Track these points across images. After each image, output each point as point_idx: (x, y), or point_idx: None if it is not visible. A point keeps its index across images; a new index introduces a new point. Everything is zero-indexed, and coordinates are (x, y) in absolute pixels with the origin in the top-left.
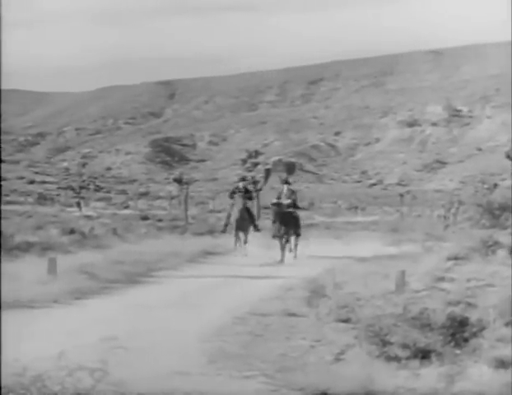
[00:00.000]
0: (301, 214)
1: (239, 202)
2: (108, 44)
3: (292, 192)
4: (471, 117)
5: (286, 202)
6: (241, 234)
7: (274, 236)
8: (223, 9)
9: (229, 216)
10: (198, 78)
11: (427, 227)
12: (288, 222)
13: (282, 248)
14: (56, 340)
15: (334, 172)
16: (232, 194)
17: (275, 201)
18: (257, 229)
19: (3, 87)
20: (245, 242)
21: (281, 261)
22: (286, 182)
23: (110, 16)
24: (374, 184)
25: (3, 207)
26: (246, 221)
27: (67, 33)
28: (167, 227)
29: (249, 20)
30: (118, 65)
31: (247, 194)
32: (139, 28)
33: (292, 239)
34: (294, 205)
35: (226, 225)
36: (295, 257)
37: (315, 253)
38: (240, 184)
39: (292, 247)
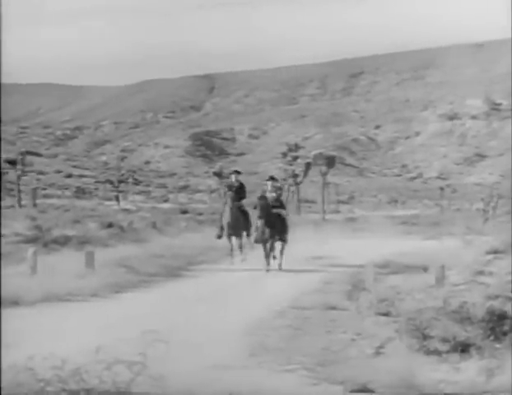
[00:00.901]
0: (343, 208)
1: (229, 201)
2: (147, 37)
3: (278, 189)
4: (510, 110)
5: (271, 195)
6: (235, 240)
7: (256, 241)
8: (263, 2)
9: (221, 218)
10: (238, 72)
11: (467, 221)
12: (274, 224)
13: (267, 255)
14: (94, 333)
15: (374, 165)
16: (225, 192)
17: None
18: (249, 234)
19: (39, 81)
20: (240, 247)
21: (267, 270)
22: (271, 178)
23: (149, 10)
24: (415, 178)
25: (41, 201)
26: (239, 224)
27: (106, 27)
28: (207, 221)
29: (290, 14)
30: (157, 59)
31: (240, 192)
32: (179, 21)
33: (278, 245)
34: (280, 204)
35: (222, 229)
36: (280, 266)
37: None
38: (233, 178)
39: (277, 254)
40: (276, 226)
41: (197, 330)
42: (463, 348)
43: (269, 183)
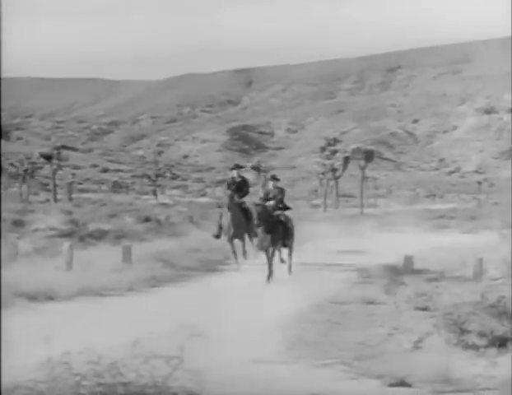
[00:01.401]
0: (381, 202)
1: (229, 199)
2: (186, 32)
3: (280, 191)
4: None
5: (269, 203)
6: (239, 243)
7: (259, 249)
8: None
9: (221, 217)
10: (276, 66)
11: (504, 215)
12: (275, 230)
13: (269, 263)
14: (131, 328)
15: (412, 160)
16: (228, 189)
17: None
18: (253, 236)
19: (74, 76)
20: (244, 252)
21: (269, 278)
22: (273, 177)
23: (188, 5)
24: (452, 172)
25: (76, 195)
26: (241, 225)
27: (144, 21)
28: None
29: (328, 8)
30: (196, 53)
31: (242, 188)
32: (217, 16)
33: (283, 251)
34: (281, 206)
35: (221, 228)
36: (290, 269)
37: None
38: (235, 173)
39: (285, 257)
40: (278, 232)
41: (235, 324)
42: (501, 343)
43: (271, 182)
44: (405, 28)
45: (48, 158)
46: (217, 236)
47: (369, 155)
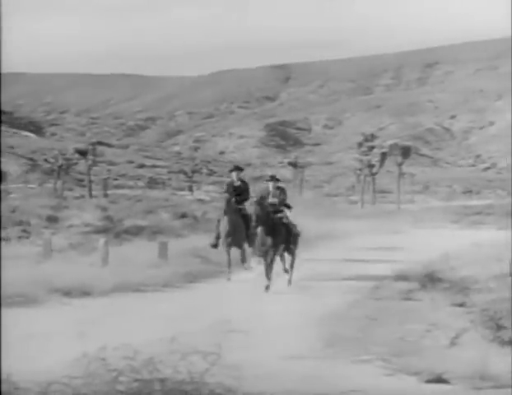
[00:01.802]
0: (418, 198)
1: (229, 205)
2: (223, 27)
3: (281, 191)
4: None
5: (273, 199)
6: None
7: (257, 254)
8: None
9: (218, 223)
10: (314, 62)
11: None
12: (276, 232)
13: (268, 270)
14: (168, 323)
15: (449, 156)
16: (225, 192)
17: (258, 200)
18: (249, 244)
19: (111, 71)
20: (244, 261)
21: (267, 287)
22: (273, 178)
23: (226, 0)
24: (488, 168)
25: (112, 191)
26: (239, 232)
27: (180, 17)
28: None
29: (366, 4)
30: (233, 49)
31: (241, 193)
32: (255, 12)
33: (285, 257)
34: (286, 207)
35: (218, 238)
36: (290, 282)
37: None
38: (234, 176)
39: (287, 266)
40: (280, 234)
41: (272, 320)
42: None
43: (271, 183)
44: (443, 24)
45: (83, 154)
46: (214, 245)
47: (406, 151)
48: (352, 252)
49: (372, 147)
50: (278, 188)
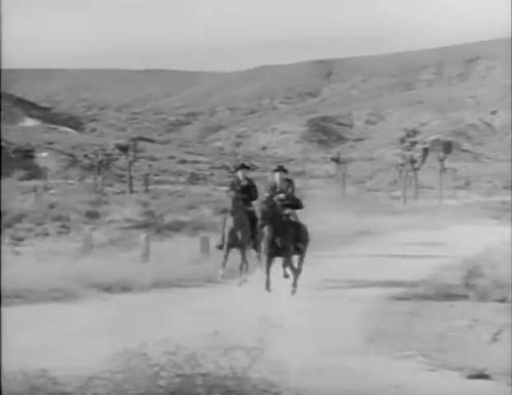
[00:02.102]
0: (459, 193)
1: (236, 204)
2: (265, 23)
3: (289, 184)
4: None
5: (279, 196)
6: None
7: (268, 255)
8: None
9: (225, 223)
10: (356, 57)
11: None
12: (285, 231)
13: (267, 272)
14: (209, 318)
15: (491, 151)
16: (230, 190)
17: (265, 195)
18: (255, 247)
19: (150, 67)
20: (243, 263)
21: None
22: (280, 168)
23: None
24: None
25: (153, 187)
26: (243, 233)
27: (223, 12)
28: (324, 207)
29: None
30: (275, 44)
31: (248, 192)
32: (296, 6)
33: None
34: (294, 203)
35: (224, 238)
36: (294, 289)
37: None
38: (240, 174)
39: (289, 271)
40: (289, 234)
41: (314, 315)
42: None
43: (277, 174)
44: (484, 18)
45: (123, 149)
46: (220, 247)
47: (447, 147)
48: (393, 247)
49: (414, 143)
50: (286, 180)
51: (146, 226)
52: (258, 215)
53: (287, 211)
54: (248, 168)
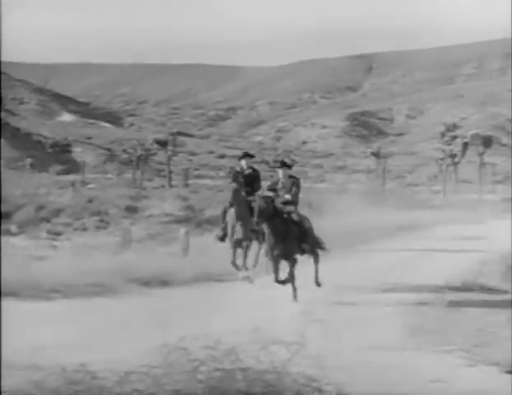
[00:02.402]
0: (498, 188)
1: (237, 195)
2: (303, 17)
3: (293, 182)
4: None
5: (285, 197)
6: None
7: (269, 258)
8: None
9: (224, 215)
10: (396, 51)
11: None
12: (287, 231)
13: (276, 278)
14: (249, 313)
15: None
16: (233, 181)
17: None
18: (258, 239)
19: (191, 62)
20: (245, 259)
21: (294, 296)
22: (284, 164)
23: None
24: None
25: (193, 181)
26: (244, 227)
27: (262, 6)
28: (364, 201)
29: None
30: (314, 39)
31: (251, 182)
32: (335, 1)
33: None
34: (295, 201)
35: (225, 230)
36: (295, 296)
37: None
38: (243, 163)
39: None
40: (292, 234)
41: (355, 310)
42: None
43: (281, 171)
44: None
45: (163, 144)
46: (222, 238)
47: (487, 141)
48: (433, 242)
49: (454, 137)
50: (291, 177)
51: (185, 221)
52: (255, 211)
53: (289, 208)
54: (252, 156)
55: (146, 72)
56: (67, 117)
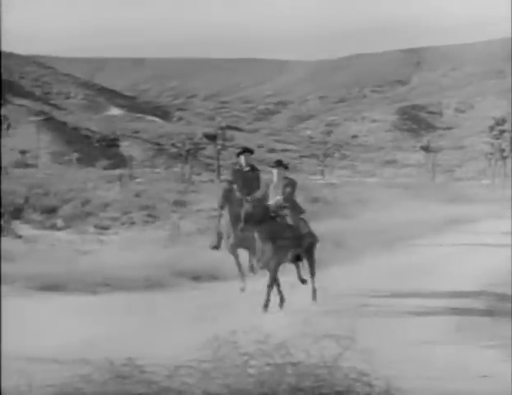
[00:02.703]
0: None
1: (228, 196)
2: (354, 11)
3: (288, 183)
4: None
5: (276, 199)
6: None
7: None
8: None
9: (220, 220)
10: (446, 45)
11: None
12: (277, 236)
13: (270, 286)
14: (299, 307)
15: None
16: (232, 180)
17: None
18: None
19: (241, 56)
20: (252, 266)
21: (265, 306)
22: (279, 163)
23: None
24: None
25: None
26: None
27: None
28: (414, 195)
29: None
30: (365, 33)
31: (250, 181)
32: None
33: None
34: (292, 206)
35: (220, 237)
36: (281, 304)
37: None
38: (242, 160)
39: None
40: (283, 239)
41: (405, 304)
42: None
43: (275, 171)
44: None
45: (212, 138)
46: (215, 247)
47: None
48: (482, 236)
49: (503, 131)
50: (285, 178)
51: None
52: (241, 215)
53: (283, 211)
54: (252, 152)
55: (195, 67)
56: (114, 111)
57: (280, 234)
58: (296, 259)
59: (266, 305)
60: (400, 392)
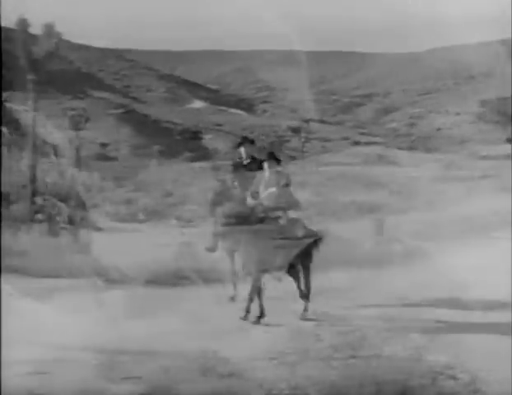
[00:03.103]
0: None
1: (222, 194)
2: (437, 3)
3: (283, 177)
4: None
5: (268, 192)
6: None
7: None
8: None
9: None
10: None
11: None
12: (265, 240)
13: (251, 295)
14: (383, 301)
15: None
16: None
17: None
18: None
19: (324, 49)
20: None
21: (244, 318)
22: (272, 156)
23: None
24: None
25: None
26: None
27: None
28: (498, 188)
29: None
30: (448, 25)
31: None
32: None
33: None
34: (287, 204)
35: (217, 238)
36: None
37: None
38: (242, 151)
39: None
40: (275, 243)
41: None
42: None
43: (266, 164)
44: None
45: (296, 131)
46: (211, 249)
47: None
48: None
49: None
50: (278, 172)
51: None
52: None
53: (277, 213)
54: (253, 142)
55: (278, 59)
56: (197, 104)
57: (267, 237)
58: (289, 268)
59: (245, 317)
60: (485, 384)
